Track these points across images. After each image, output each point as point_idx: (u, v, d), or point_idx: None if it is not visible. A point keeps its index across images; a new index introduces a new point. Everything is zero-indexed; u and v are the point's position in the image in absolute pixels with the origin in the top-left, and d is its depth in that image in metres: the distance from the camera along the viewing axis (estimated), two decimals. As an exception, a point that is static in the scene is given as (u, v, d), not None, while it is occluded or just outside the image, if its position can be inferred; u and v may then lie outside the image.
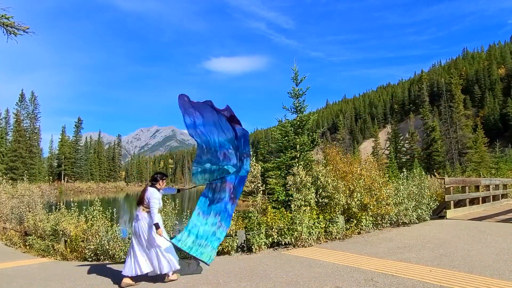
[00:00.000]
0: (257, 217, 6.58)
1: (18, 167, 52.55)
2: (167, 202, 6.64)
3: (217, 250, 4.86)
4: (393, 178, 10.95)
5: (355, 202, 7.36)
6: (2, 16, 4.92)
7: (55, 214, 7.51)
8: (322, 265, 4.96)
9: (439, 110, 66.71)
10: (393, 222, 8.17)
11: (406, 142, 66.06)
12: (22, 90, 63.76)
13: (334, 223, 6.89)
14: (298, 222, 6.35)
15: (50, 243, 6.95)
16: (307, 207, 6.70)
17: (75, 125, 76.78)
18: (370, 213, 7.59)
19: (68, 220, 7.21)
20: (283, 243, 6.35)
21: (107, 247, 6.01)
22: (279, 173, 9.09)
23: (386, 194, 7.89)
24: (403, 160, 59.08)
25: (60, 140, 75.65)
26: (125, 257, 6.03)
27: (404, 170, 10.09)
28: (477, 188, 12.07)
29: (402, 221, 8.23)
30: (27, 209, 9.44)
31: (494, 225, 8.24)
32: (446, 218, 9.47)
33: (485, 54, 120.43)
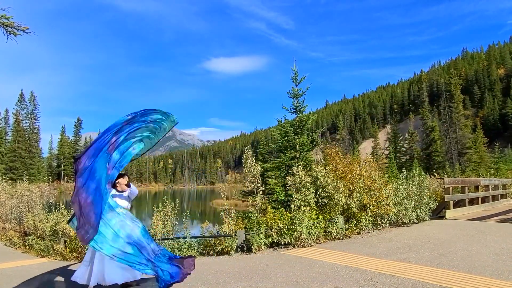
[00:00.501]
0: (256, 217, 6.59)
1: (17, 167, 52.59)
2: (167, 202, 6.63)
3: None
4: (392, 178, 10.96)
5: (355, 202, 7.36)
6: (2, 16, 4.92)
7: (55, 214, 7.49)
8: (321, 265, 4.97)
9: (439, 110, 66.83)
10: (392, 222, 8.17)
11: (406, 142, 66.22)
12: (22, 90, 63.82)
13: (334, 223, 6.90)
14: (298, 222, 6.36)
15: (49, 243, 6.94)
16: (307, 207, 6.71)
17: (75, 125, 76.84)
18: (369, 213, 7.60)
19: (67, 220, 7.19)
20: (283, 243, 6.36)
21: (107, 247, 5.99)
22: (279, 173, 9.08)
23: (386, 194, 7.89)
24: (403, 160, 59.21)
25: (59, 140, 75.71)
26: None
27: (403, 170, 10.10)
28: (476, 188, 12.08)
29: (401, 221, 8.24)
30: (27, 209, 9.42)
31: (494, 225, 8.25)
32: (446, 218, 9.48)
33: (484, 54, 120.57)
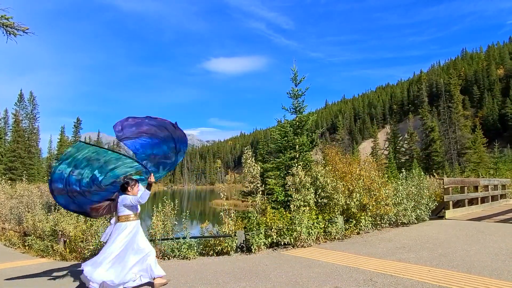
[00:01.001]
0: (256, 217, 6.59)
1: (17, 168, 52.50)
2: (167, 202, 6.63)
3: None
4: (392, 178, 10.97)
5: (354, 203, 7.36)
6: (2, 16, 4.92)
7: (54, 215, 7.49)
8: (321, 265, 4.97)
9: (438, 111, 66.88)
10: (392, 222, 8.18)
11: (405, 142, 66.26)
12: (21, 90, 63.64)
13: (333, 224, 6.90)
14: (297, 222, 6.36)
15: (49, 244, 6.94)
16: (306, 208, 6.71)
17: (74, 125, 76.67)
18: (369, 213, 7.61)
19: (67, 220, 7.20)
20: (282, 243, 6.36)
21: (107, 248, 6.00)
22: (279, 173, 9.09)
23: (385, 195, 7.90)
24: (402, 160, 59.22)
25: (59, 140, 75.53)
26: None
27: (403, 170, 10.10)
28: (476, 188, 12.09)
29: (401, 221, 8.25)
30: (26, 209, 9.43)
31: (493, 225, 8.26)
32: (445, 218, 9.49)
33: (484, 55, 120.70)
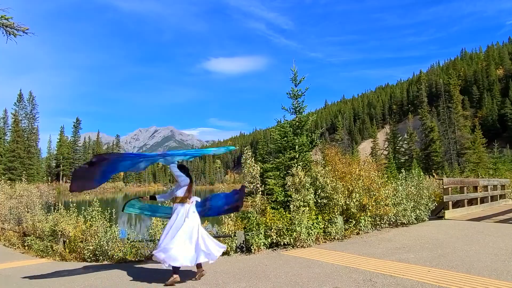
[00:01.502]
0: (256, 217, 6.58)
1: (16, 168, 52.50)
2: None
3: None
4: (391, 178, 10.97)
5: (354, 203, 7.36)
6: (2, 17, 4.91)
7: (54, 215, 7.48)
8: (321, 265, 4.97)
9: (438, 111, 66.79)
10: (391, 222, 8.18)
11: (405, 142, 66.22)
12: (20, 90, 63.67)
13: (333, 224, 6.90)
14: (297, 222, 6.36)
15: (49, 244, 6.93)
16: (306, 208, 6.70)
17: (74, 125, 76.71)
18: (368, 213, 7.61)
19: (66, 220, 7.19)
20: (282, 244, 6.36)
21: (106, 248, 6.01)
22: (278, 173, 9.08)
23: (385, 195, 7.90)
24: (402, 160, 59.22)
25: (58, 140, 75.58)
26: (123, 257, 6.05)
27: (402, 170, 10.10)
28: (475, 188, 12.10)
29: (400, 221, 8.25)
30: (26, 209, 9.40)
31: (492, 225, 8.28)
32: (445, 219, 9.49)
33: (483, 55, 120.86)
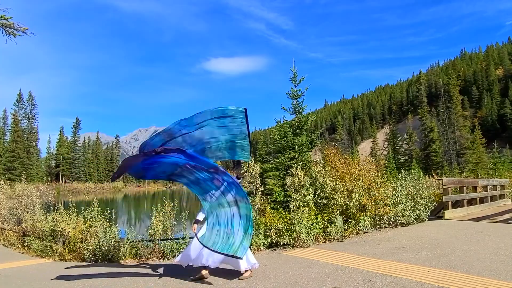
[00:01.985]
0: (255, 217, 6.59)
1: (15, 168, 52.41)
2: (166, 202, 6.63)
3: (249, 237, 4.28)
4: (391, 178, 10.97)
5: (354, 203, 7.37)
6: (2, 17, 4.91)
7: (54, 215, 7.48)
8: (320, 265, 4.97)
9: (437, 111, 66.87)
10: (391, 222, 8.19)
11: (404, 142, 66.31)
12: (20, 90, 63.40)
13: (333, 224, 6.91)
14: (297, 222, 6.36)
15: (48, 244, 6.92)
16: (306, 208, 6.71)
17: (73, 125, 76.51)
18: (368, 213, 7.62)
19: (66, 220, 7.18)
20: (282, 244, 6.36)
21: (106, 248, 6.01)
22: (278, 173, 9.08)
23: (384, 195, 7.91)
24: (401, 160, 59.28)
25: (58, 140, 75.42)
26: (123, 257, 6.05)
27: (402, 170, 10.11)
28: (474, 188, 12.12)
29: (400, 221, 8.26)
30: (25, 209, 9.38)
31: (492, 225, 8.28)
32: (444, 219, 9.50)
33: (483, 55, 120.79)
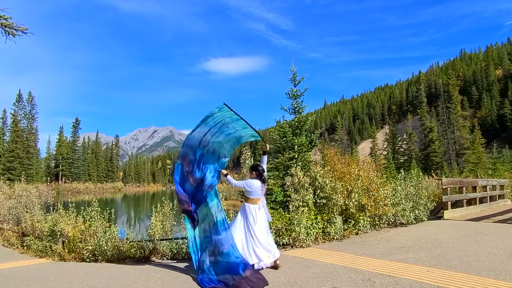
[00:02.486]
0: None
1: (15, 168, 52.41)
2: (166, 202, 6.62)
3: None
4: (390, 178, 10.98)
5: (353, 203, 7.37)
6: (1, 17, 4.91)
7: (53, 215, 7.47)
8: (320, 265, 4.98)
9: (437, 111, 66.95)
10: (390, 222, 8.19)
11: (404, 143, 66.39)
12: (20, 90, 63.42)
13: (332, 224, 6.91)
14: (296, 222, 6.37)
15: (47, 244, 6.92)
16: (305, 208, 6.71)
17: (73, 125, 76.54)
18: (367, 213, 7.62)
19: (66, 220, 7.18)
20: (281, 244, 6.36)
21: (105, 248, 6.00)
22: (277, 173, 9.09)
23: (384, 195, 7.91)
24: (401, 160, 59.36)
25: (57, 140, 75.40)
26: (122, 257, 6.04)
27: (401, 170, 10.12)
28: (474, 189, 12.12)
29: (399, 221, 8.26)
30: (25, 209, 9.39)
31: (491, 225, 8.29)
32: (444, 219, 9.51)
33: (482, 55, 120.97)
